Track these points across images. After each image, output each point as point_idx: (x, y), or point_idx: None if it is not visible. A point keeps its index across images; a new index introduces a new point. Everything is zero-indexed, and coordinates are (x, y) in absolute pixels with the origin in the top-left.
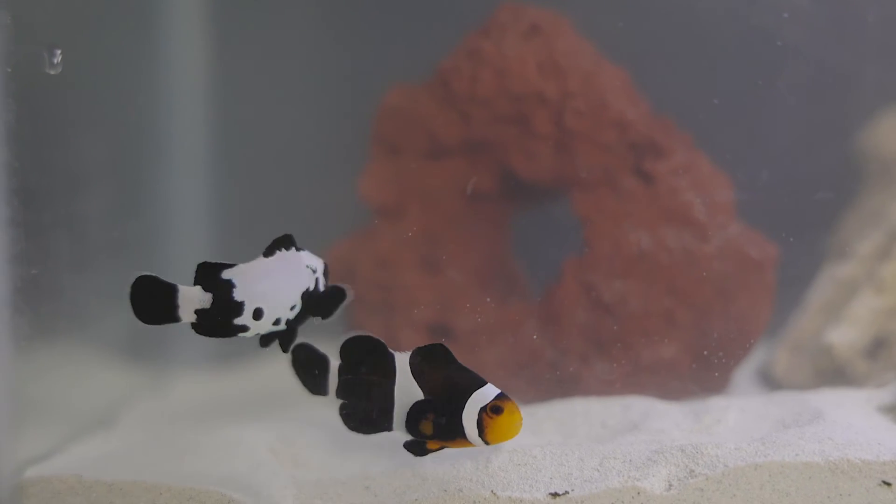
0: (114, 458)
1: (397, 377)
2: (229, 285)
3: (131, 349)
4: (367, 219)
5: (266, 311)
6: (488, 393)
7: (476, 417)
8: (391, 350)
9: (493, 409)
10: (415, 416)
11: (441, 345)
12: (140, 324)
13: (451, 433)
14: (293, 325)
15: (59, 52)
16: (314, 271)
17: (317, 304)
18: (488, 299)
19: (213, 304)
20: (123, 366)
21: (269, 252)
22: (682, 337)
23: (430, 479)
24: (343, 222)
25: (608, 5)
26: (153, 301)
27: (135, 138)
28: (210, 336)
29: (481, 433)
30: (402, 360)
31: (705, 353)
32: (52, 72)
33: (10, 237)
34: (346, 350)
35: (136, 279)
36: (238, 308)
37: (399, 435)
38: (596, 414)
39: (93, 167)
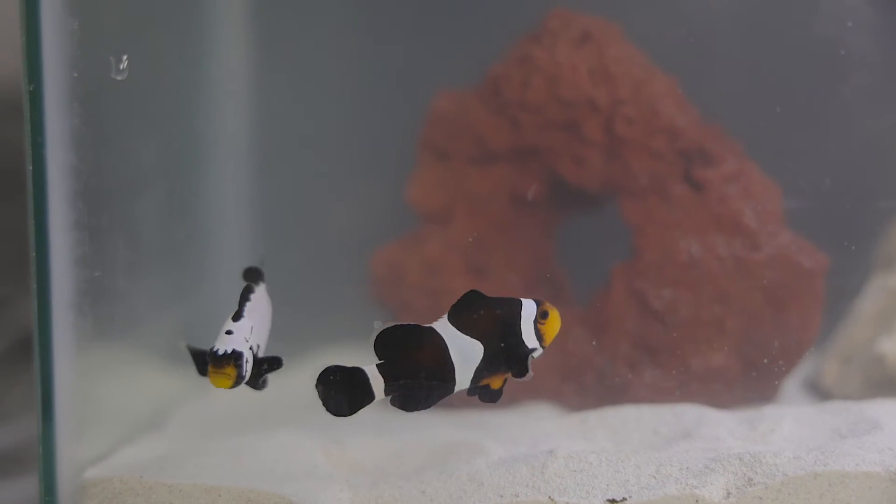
0: (170, 459)
1: (448, 343)
2: None
3: (177, 351)
4: (415, 224)
5: None
6: (530, 306)
7: (534, 331)
8: (427, 325)
9: (542, 316)
10: (488, 369)
11: (471, 291)
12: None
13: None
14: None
15: (125, 57)
16: None
17: None
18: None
19: None
20: (171, 367)
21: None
22: (732, 345)
23: (486, 485)
24: (390, 227)
25: (669, 13)
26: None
27: (184, 141)
28: None
29: (541, 342)
30: (443, 326)
31: (764, 361)
32: (119, 77)
33: (74, 240)
34: (384, 344)
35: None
36: None
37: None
38: (648, 421)
39: (145, 170)
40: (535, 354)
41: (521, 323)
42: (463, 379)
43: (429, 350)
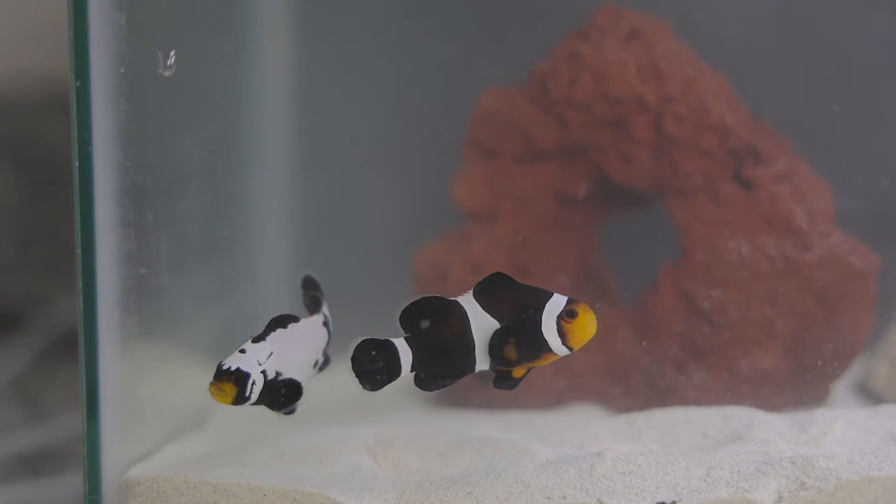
0: (214, 458)
1: (470, 318)
2: None
3: (219, 350)
4: (458, 221)
5: None
6: (559, 301)
7: (555, 327)
8: (451, 298)
9: (568, 314)
10: (497, 345)
11: (499, 272)
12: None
13: (536, 350)
14: None
15: (173, 53)
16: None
17: None
18: (598, 304)
19: None
20: (212, 366)
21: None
22: (782, 347)
23: (533, 486)
24: (434, 225)
25: (721, 10)
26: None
27: (228, 139)
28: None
29: (564, 341)
30: (467, 301)
31: (818, 363)
32: (167, 73)
33: (120, 237)
34: (410, 317)
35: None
36: None
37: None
38: (696, 423)
39: (190, 167)
40: (560, 354)
41: (544, 314)
42: (482, 358)
43: (451, 323)
